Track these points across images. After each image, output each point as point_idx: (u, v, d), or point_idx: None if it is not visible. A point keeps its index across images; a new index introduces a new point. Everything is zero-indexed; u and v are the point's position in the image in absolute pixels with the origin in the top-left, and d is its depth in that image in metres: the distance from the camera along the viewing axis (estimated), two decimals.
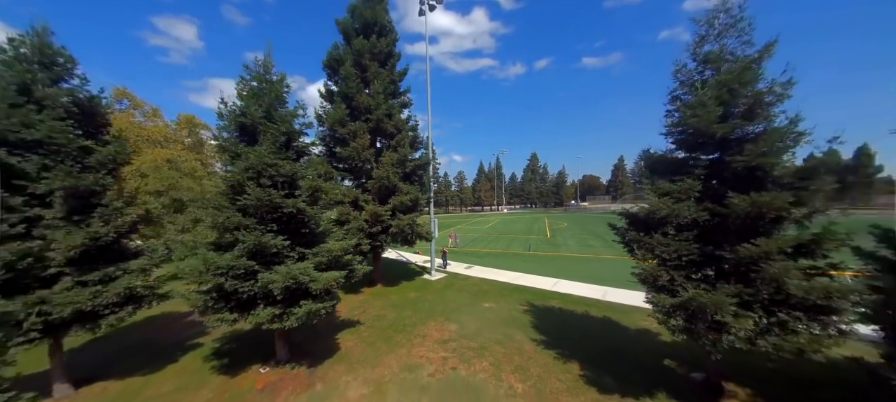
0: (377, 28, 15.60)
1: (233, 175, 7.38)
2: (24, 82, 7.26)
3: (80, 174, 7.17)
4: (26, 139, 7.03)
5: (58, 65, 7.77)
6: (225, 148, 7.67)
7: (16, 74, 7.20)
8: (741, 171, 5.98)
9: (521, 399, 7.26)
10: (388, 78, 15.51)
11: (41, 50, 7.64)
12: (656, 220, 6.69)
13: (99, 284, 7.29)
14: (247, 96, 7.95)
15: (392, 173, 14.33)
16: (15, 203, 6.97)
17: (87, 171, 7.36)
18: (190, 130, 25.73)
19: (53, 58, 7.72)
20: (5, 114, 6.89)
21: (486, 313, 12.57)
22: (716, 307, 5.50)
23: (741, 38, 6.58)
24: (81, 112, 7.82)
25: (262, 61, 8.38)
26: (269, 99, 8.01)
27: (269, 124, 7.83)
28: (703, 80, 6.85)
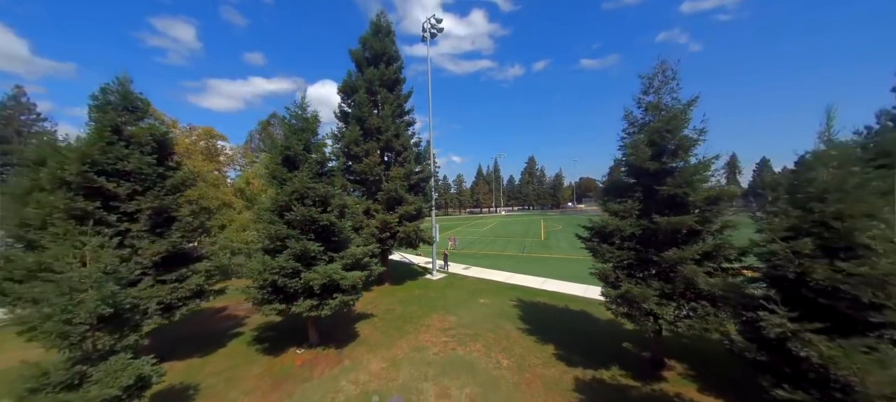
0: (386, 58, 17.66)
1: (281, 196, 9.41)
2: (116, 124, 9.29)
3: (163, 197, 9.20)
4: (120, 169, 9.06)
5: (138, 108, 9.80)
6: (274, 175, 9.71)
7: (109, 119, 9.23)
8: (666, 196, 8.05)
9: (506, 371, 9.31)
10: (395, 101, 17.59)
11: (125, 97, 9.67)
12: (607, 232, 8.77)
13: (175, 282, 9.31)
14: (289, 132, 9.99)
15: (400, 186, 16.40)
16: (111, 219, 8.99)
17: (168, 193, 9.38)
18: (207, 140, 27.72)
19: (134, 103, 9.75)
20: (103, 151, 8.92)
21: (481, 307, 14.62)
22: (643, 298, 7.57)
23: (672, 93, 8.67)
24: (157, 145, 9.84)
25: (299, 102, 10.43)
26: (306, 134, 10.06)
27: (307, 155, 9.89)
28: (643, 123, 8.92)
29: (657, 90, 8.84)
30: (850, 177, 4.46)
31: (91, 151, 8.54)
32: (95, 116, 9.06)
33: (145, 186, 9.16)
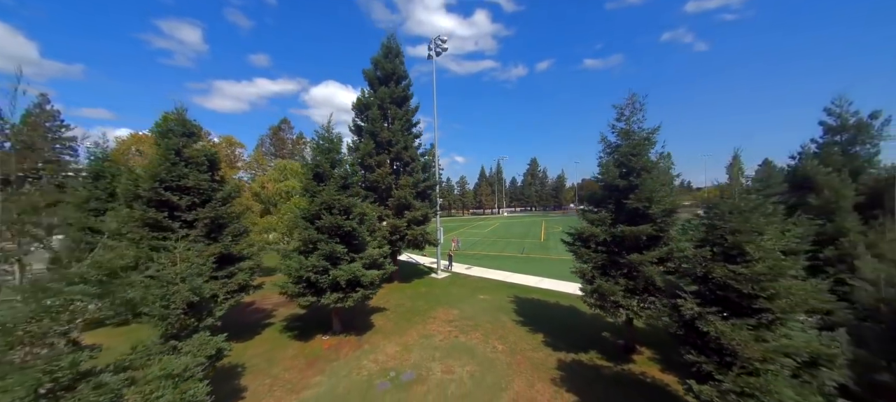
0: (395, 77, 19.48)
1: (313, 207, 11.25)
2: (177, 147, 11.18)
3: (217, 208, 11.08)
4: (181, 185, 10.94)
5: (193, 134, 11.69)
6: (306, 189, 11.55)
7: (172, 143, 11.12)
8: (632, 209, 9.76)
9: (501, 354, 11.08)
10: (404, 117, 19.40)
11: (183, 124, 11.56)
12: (585, 237, 10.51)
13: (225, 278, 11.18)
14: (318, 152, 11.82)
15: (408, 194, 18.21)
16: (174, 227, 10.88)
17: (220, 204, 11.26)
18: (228, 148, 29.76)
19: (191, 129, 11.64)
20: (168, 170, 10.81)
21: (481, 302, 16.39)
22: (611, 292, 9.30)
23: (639, 123, 10.37)
24: (209, 163, 11.72)
25: (326, 126, 12.26)
26: (332, 154, 11.89)
27: (333, 172, 11.71)
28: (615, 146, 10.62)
29: (627, 119, 10.55)
30: (745, 203, 6.18)
31: (159, 170, 10.43)
32: (159, 140, 10.96)
33: (202, 199, 11.04)
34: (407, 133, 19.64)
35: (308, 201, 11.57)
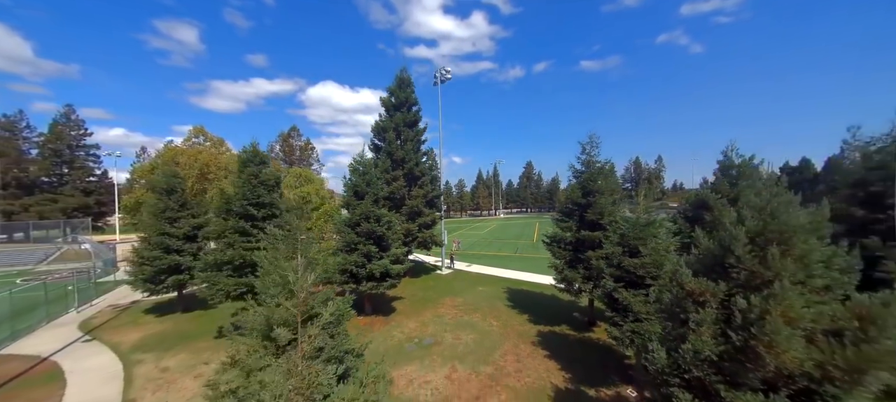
0: (407, 104, 23.22)
1: (353, 217, 14.94)
2: (255, 173, 14.82)
3: (283, 217, 14.75)
4: (259, 202, 14.59)
5: (265, 162, 15.34)
6: (348, 203, 15.23)
7: (251, 171, 14.75)
8: (589, 219, 13.55)
9: (495, 327, 14.83)
10: (415, 138, 23.15)
11: (256, 154, 15.21)
12: (558, 239, 14.31)
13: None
14: (356, 176, 15.51)
15: (419, 203, 21.94)
16: (252, 231, 14.51)
17: (285, 213, 14.93)
18: None
19: (263, 158, 15.29)
20: (252, 191, 14.45)
21: (480, 293, 20.15)
22: (573, 279, 13.10)
23: (596, 156, 14.17)
24: (274, 182, 15.38)
25: (361, 153, 15.96)
26: (367, 176, 15.60)
27: (368, 189, 15.43)
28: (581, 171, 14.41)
29: (589, 153, 14.37)
30: (643, 220, 9.97)
31: (245, 190, 14.08)
32: (242, 167, 14.61)
33: (271, 212, 14.70)
34: (417, 152, 23.38)
35: (350, 213, 15.26)
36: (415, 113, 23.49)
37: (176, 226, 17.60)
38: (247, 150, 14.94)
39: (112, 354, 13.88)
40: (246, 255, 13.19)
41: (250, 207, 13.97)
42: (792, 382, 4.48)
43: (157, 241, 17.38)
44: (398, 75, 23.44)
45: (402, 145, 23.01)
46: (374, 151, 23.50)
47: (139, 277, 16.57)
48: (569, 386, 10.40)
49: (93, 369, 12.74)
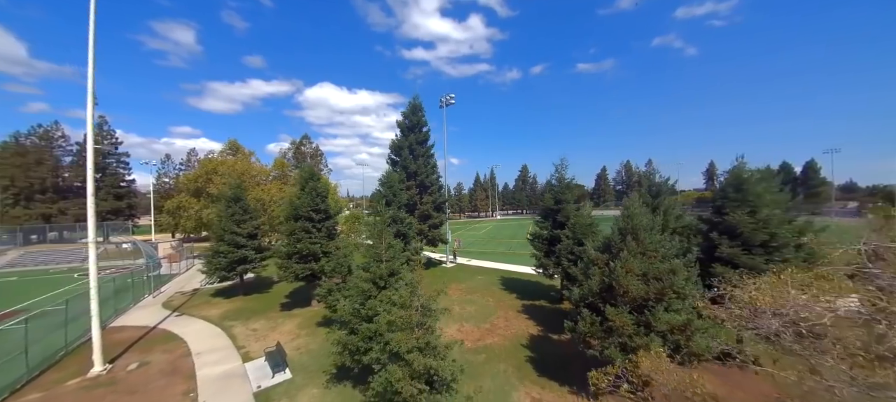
0: (419, 126, 28.20)
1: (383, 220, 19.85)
2: (314, 187, 19.69)
3: (332, 220, 19.66)
4: (317, 208, 19.45)
5: (316, 176, 20.23)
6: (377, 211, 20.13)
7: (311, 185, 19.60)
8: (560, 220, 18.57)
9: (491, 302, 19.79)
10: (426, 153, 28.12)
11: (312, 172, 20.11)
12: (537, 235, 19.36)
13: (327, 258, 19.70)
14: (385, 187, 20.43)
15: (429, 208, 26.89)
16: (312, 230, 19.37)
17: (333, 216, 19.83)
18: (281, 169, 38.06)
19: (316, 175, 20.18)
20: (312, 201, 19.30)
21: (479, 280, 25.11)
22: (548, 266, 18.13)
23: (566, 173, 19.25)
24: (325, 192, 20.26)
25: (387, 172, 20.88)
26: (394, 188, 20.53)
27: (394, 198, 20.37)
28: (553, 185, 19.46)
29: (560, 171, 19.44)
30: (584, 219, 15.02)
31: (307, 200, 18.95)
32: (304, 183, 19.45)
33: (325, 215, 19.58)
34: (427, 165, 28.36)
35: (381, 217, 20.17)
36: (425, 133, 28.46)
37: (241, 227, 22.37)
38: (304, 169, 19.84)
39: (205, 323, 18.66)
40: (311, 247, 18.07)
41: (312, 212, 18.85)
42: (634, 301, 9.49)
43: (229, 239, 22.10)
44: (411, 102, 28.43)
45: (414, 160, 27.95)
46: (392, 165, 28.43)
47: (215, 267, 21.31)
48: (540, 334, 15.40)
49: (197, 331, 17.52)
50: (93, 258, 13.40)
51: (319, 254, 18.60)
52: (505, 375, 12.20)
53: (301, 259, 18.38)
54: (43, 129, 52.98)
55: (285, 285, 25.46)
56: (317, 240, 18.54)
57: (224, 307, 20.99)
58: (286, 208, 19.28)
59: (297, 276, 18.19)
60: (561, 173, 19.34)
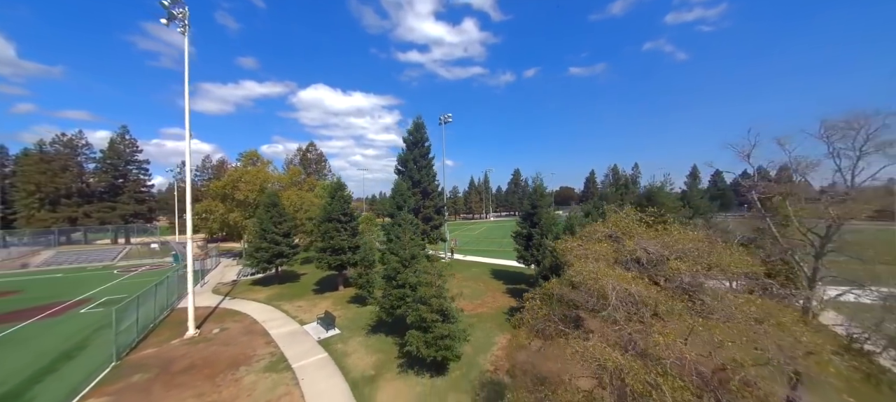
0: (421, 142, 33.28)
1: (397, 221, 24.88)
2: (342, 196, 24.66)
3: (355, 221, 24.65)
4: (342, 213, 24.43)
5: (343, 186, 25.19)
6: (392, 213, 25.14)
7: (339, 195, 24.56)
8: (535, 220, 23.79)
9: (483, 286, 24.93)
10: (427, 165, 33.22)
11: (341, 185, 25.07)
12: (518, 233, 24.60)
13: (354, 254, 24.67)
14: (397, 196, 25.45)
15: (431, 211, 31.98)
16: (341, 230, 24.34)
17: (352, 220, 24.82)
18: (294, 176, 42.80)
19: (342, 185, 25.14)
20: (340, 207, 24.28)
21: (473, 271, 30.24)
22: (526, 257, 23.33)
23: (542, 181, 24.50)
24: (349, 198, 25.23)
25: (398, 182, 25.91)
26: (404, 196, 25.58)
27: (404, 204, 25.42)
28: (529, 194, 24.69)
29: (536, 181, 24.68)
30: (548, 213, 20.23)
31: (337, 206, 23.89)
32: (334, 192, 24.39)
33: (350, 217, 24.53)
34: (428, 174, 33.46)
35: (394, 219, 25.19)
36: (427, 148, 33.54)
37: (278, 227, 27.21)
38: (334, 182, 24.81)
39: (256, 303, 23.46)
40: (341, 243, 23.02)
41: (340, 215, 23.83)
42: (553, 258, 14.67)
43: (270, 237, 26.91)
44: (415, 122, 33.51)
45: (418, 171, 33.02)
46: (399, 175, 33.45)
47: (258, 259, 26.10)
48: (517, 306, 20.50)
49: (253, 309, 22.32)
50: (190, 251, 18.27)
51: (346, 248, 23.56)
52: (490, 330, 17.35)
53: (333, 252, 23.32)
54: (67, 138, 56.92)
55: (312, 275, 30.44)
56: (344, 238, 23.50)
57: (266, 293, 25.79)
58: (321, 212, 24.21)
59: (330, 265, 23.14)
60: (537, 184, 24.60)
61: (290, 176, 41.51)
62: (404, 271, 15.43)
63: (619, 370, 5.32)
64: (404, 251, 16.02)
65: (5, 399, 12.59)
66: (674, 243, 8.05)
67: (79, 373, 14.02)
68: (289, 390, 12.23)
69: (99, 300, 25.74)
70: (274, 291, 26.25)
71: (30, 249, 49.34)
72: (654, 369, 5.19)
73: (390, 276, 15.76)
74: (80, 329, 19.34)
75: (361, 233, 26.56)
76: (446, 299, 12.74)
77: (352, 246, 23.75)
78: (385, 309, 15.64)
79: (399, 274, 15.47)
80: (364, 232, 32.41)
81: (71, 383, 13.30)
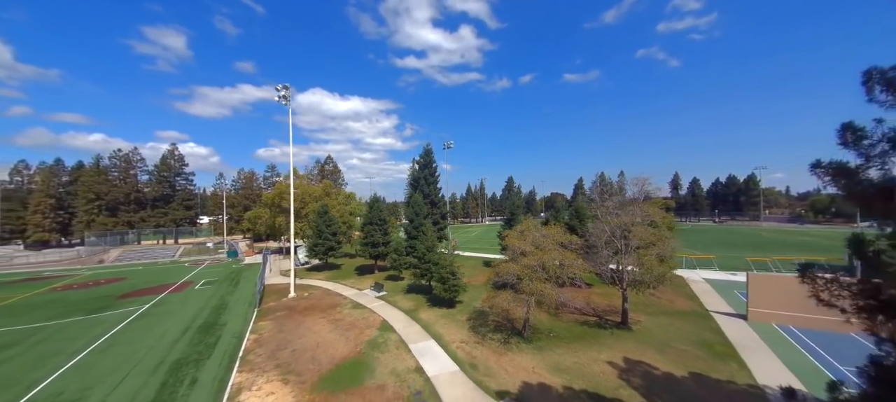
0: (430, 164, 43.94)
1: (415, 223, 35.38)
2: (379, 207, 35.15)
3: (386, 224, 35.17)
4: (380, 217, 34.90)
5: (379, 200, 35.69)
6: (411, 218, 35.59)
7: (375, 206, 35.04)
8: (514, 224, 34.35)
9: (477, 272, 35.48)
10: (435, 181, 43.90)
11: (376, 198, 35.58)
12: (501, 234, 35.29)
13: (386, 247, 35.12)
14: (415, 205, 35.96)
15: (438, 216, 42.57)
16: (378, 231, 34.83)
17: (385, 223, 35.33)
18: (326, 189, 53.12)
19: (378, 198, 35.65)
20: (377, 215, 34.77)
21: (470, 262, 40.78)
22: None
23: (520, 194, 35.14)
24: (383, 207, 35.72)
25: (414, 196, 36.47)
26: (418, 207, 36.14)
27: (420, 211, 35.99)
28: (508, 204, 35.35)
29: (510, 188, 35.32)
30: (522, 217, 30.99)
31: (375, 214, 34.36)
32: (371, 205, 34.87)
33: (384, 220, 34.98)
34: (435, 189, 44.09)
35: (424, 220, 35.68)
36: (434, 168, 44.14)
37: (329, 228, 37.64)
38: (374, 198, 35.39)
39: (317, 281, 33.82)
40: (377, 239, 33.48)
41: (377, 220, 34.34)
42: None
43: (325, 236, 37.27)
44: (425, 148, 44.22)
45: (427, 186, 43.59)
46: (412, 189, 43.98)
47: (317, 252, 36.43)
48: None
49: (318, 283, 32.70)
50: (292, 247, 28.64)
51: (381, 243, 34.05)
52: (479, 290, 27.89)
53: (372, 246, 33.81)
54: (124, 154, 66.97)
55: (350, 264, 40.93)
56: (378, 235, 33.99)
57: (321, 276, 36.14)
58: (364, 217, 34.65)
59: (370, 255, 33.62)
60: (516, 196, 35.22)
61: (324, 188, 51.85)
62: (429, 254, 25.90)
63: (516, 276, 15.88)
64: (428, 243, 26.49)
65: (215, 314, 22.90)
66: (541, 237, 18.68)
67: (239, 313, 24.37)
68: (371, 314, 22.69)
69: (199, 282, 35.94)
70: (326, 274, 36.62)
71: (101, 248, 59.11)
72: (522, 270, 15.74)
73: (419, 257, 26.23)
74: (209, 297, 29.57)
75: (390, 232, 37.06)
76: (456, 268, 23.26)
77: (385, 241, 34.24)
78: (417, 277, 26.12)
79: (425, 256, 25.93)
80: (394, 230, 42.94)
81: (240, 316, 23.66)
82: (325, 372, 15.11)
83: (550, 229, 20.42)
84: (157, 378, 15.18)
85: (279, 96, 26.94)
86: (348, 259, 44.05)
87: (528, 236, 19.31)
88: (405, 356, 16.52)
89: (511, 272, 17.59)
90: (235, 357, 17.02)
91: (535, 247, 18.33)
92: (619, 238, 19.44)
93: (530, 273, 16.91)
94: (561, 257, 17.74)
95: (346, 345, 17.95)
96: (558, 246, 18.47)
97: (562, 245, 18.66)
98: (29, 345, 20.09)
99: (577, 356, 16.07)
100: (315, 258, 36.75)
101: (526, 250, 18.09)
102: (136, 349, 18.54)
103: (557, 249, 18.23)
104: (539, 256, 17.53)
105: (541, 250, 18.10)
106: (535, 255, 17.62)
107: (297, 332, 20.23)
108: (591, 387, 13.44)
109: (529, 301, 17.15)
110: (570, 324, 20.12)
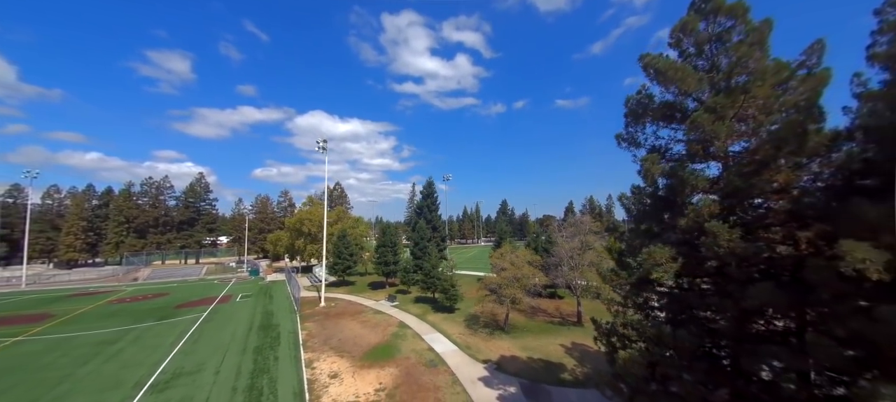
0: (432, 194, 51.58)
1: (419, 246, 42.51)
2: (391, 232, 42.40)
3: (397, 245, 42.38)
4: (392, 240, 42.10)
5: (392, 226, 42.95)
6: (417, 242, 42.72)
7: (387, 230, 42.28)
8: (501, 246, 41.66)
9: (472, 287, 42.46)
10: (435, 210, 51.40)
11: (388, 225, 42.83)
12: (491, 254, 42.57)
13: (396, 266, 42.10)
14: (420, 229, 43.22)
15: (438, 240, 49.83)
16: (390, 252, 41.94)
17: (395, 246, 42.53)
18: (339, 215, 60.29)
19: (391, 225, 42.90)
20: (389, 240, 41.99)
21: (466, 279, 47.68)
22: None
23: (506, 221, 42.60)
24: (394, 231, 42.95)
25: (419, 222, 43.82)
26: (422, 232, 43.41)
27: (423, 234, 43.24)
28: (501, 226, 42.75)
29: (502, 211, 42.79)
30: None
31: (388, 238, 41.55)
32: (385, 230, 42.11)
33: (395, 243, 42.11)
34: (436, 215, 51.52)
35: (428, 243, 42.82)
36: (435, 197, 51.72)
37: (346, 250, 44.66)
38: (385, 224, 42.68)
39: (338, 294, 40.58)
40: (388, 258, 40.56)
41: (388, 243, 41.51)
42: None
43: (344, 256, 44.22)
44: (427, 181, 51.94)
45: (429, 213, 51.02)
46: (416, 216, 51.35)
47: (337, 270, 43.28)
48: None
49: (341, 296, 39.50)
50: (324, 266, 35.69)
51: (391, 262, 41.08)
52: (473, 301, 34.88)
53: (384, 264, 40.84)
54: (155, 182, 74.19)
55: (362, 281, 47.72)
56: (390, 256, 41.07)
57: (340, 290, 42.85)
58: (378, 240, 41.77)
59: (382, 272, 40.58)
60: (501, 223, 42.69)
61: (337, 214, 59.10)
62: (433, 271, 33.01)
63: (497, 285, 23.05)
64: (432, 262, 33.66)
65: (266, 318, 29.63)
66: (514, 257, 26.05)
67: (286, 317, 31.11)
68: (390, 317, 29.57)
69: (237, 296, 42.46)
70: (345, 289, 43.34)
71: (134, 267, 65.21)
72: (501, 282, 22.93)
73: (426, 274, 33.33)
74: (253, 307, 36.19)
75: (399, 253, 44.15)
76: (455, 281, 30.41)
77: (394, 261, 41.30)
78: (423, 290, 33.12)
79: (430, 273, 33.03)
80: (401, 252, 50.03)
81: (287, 319, 30.42)
82: (367, 350, 21.99)
83: (522, 251, 27.71)
84: (249, 357, 21.90)
85: (319, 147, 34.63)
86: (360, 277, 50.65)
87: (506, 256, 26.60)
88: (420, 342, 23.44)
89: (494, 281, 24.77)
90: (298, 344, 23.80)
91: (511, 263, 25.62)
92: (570, 258, 26.82)
93: (507, 282, 24.12)
94: (529, 272, 25.00)
95: (376, 336, 24.82)
96: (527, 263, 25.78)
97: (529, 263, 25.97)
98: (129, 341, 26.61)
99: (540, 341, 23.07)
100: (333, 276, 43.52)
101: (504, 266, 25.34)
102: (220, 340, 25.21)
103: (526, 265, 25.53)
104: (513, 270, 24.80)
105: (514, 266, 25.38)
106: (511, 270, 24.89)
107: (336, 328, 27.03)
108: (545, 357, 20.46)
109: (507, 303, 24.28)
110: (540, 323, 27.13)
